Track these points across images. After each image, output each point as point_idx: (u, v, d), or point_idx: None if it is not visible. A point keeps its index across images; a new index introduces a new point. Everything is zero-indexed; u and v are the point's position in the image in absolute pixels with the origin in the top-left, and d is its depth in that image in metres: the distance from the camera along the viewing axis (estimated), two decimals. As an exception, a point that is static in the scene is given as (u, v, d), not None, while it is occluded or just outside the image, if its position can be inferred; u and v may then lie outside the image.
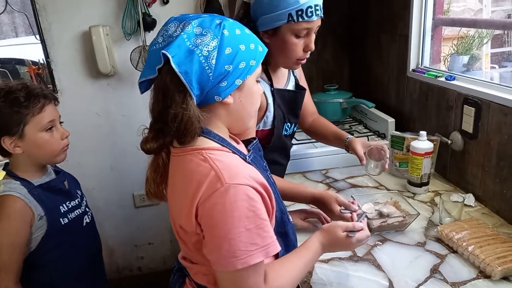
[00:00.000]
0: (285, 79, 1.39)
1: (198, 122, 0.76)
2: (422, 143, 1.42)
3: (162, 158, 0.85)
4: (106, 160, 2.19)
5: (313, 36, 1.21)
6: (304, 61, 1.26)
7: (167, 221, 2.48)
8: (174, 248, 2.47)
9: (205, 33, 0.75)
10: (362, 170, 1.65)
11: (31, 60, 2.07)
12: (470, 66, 1.84)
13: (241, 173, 0.76)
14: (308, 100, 1.53)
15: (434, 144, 1.46)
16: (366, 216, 1.05)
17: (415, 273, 1.05)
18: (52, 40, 1.93)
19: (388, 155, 1.32)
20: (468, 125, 1.39)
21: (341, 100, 2.00)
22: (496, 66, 2.49)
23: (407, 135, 1.55)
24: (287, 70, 1.40)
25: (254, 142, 0.97)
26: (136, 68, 1.96)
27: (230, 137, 0.90)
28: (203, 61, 0.74)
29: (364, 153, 1.33)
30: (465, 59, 1.83)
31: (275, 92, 1.30)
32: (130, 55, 1.95)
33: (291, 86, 1.41)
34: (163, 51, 0.73)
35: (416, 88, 1.73)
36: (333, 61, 2.42)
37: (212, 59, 0.75)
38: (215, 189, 0.73)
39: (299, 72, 1.48)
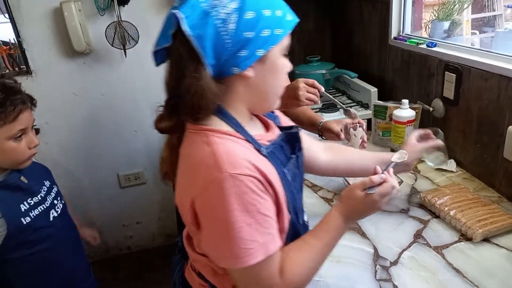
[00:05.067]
0: None
1: (213, 96, 0.68)
2: (404, 111, 1.42)
3: (178, 136, 0.77)
4: (87, 141, 2.15)
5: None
6: None
7: (154, 200, 2.48)
8: (163, 225, 2.47)
9: None
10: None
11: (1, 40, 1.97)
12: (451, 32, 1.84)
13: (242, 162, 0.67)
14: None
15: (416, 112, 1.46)
16: (391, 165, 0.85)
17: (399, 239, 1.07)
18: (22, 18, 1.84)
19: (364, 127, 1.28)
20: (449, 91, 1.40)
21: (323, 71, 1.98)
22: (477, 32, 2.48)
23: (390, 104, 1.55)
24: None
25: (291, 131, 0.83)
26: (112, 45, 1.90)
27: (261, 123, 0.82)
28: (220, 25, 0.65)
29: (340, 130, 1.29)
30: (446, 25, 1.83)
31: None
32: (105, 31, 1.88)
33: None
34: (174, 11, 0.65)
35: (397, 56, 1.72)
36: (315, 32, 2.38)
37: (230, 23, 0.65)
38: (213, 177, 0.66)
39: None
